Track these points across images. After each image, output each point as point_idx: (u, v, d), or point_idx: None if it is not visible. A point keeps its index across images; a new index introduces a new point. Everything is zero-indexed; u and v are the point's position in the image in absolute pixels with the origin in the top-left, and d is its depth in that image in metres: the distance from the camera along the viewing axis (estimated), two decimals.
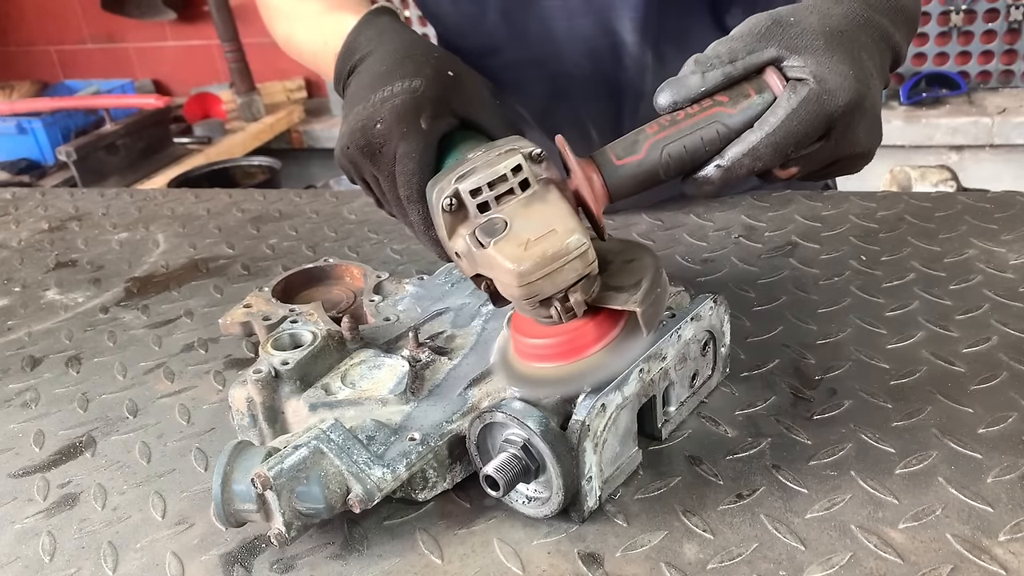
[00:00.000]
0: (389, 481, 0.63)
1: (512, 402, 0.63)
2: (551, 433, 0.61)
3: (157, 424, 0.84)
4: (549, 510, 0.64)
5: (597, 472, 0.64)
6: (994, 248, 0.96)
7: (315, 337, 0.75)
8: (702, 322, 0.73)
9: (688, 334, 0.71)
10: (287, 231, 1.25)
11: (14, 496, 0.77)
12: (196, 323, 1.03)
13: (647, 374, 0.67)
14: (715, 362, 0.76)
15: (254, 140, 3.50)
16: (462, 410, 0.69)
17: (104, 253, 1.26)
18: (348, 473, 0.63)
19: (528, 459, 0.62)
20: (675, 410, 0.73)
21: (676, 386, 0.72)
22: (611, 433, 0.65)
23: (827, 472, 0.67)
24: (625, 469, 0.68)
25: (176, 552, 0.68)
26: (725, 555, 0.61)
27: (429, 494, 0.67)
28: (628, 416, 0.67)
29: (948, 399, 0.73)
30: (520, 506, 0.65)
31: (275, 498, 0.61)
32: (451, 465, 0.68)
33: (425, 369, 0.74)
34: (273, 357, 0.72)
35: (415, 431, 0.67)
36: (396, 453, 0.65)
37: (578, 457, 0.62)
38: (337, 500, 0.63)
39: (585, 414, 0.61)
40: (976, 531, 0.60)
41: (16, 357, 1.00)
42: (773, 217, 1.10)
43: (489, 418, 0.64)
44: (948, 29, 3.07)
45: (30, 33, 4.24)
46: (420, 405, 0.70)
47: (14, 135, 3.26)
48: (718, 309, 0.74)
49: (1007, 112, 2.92)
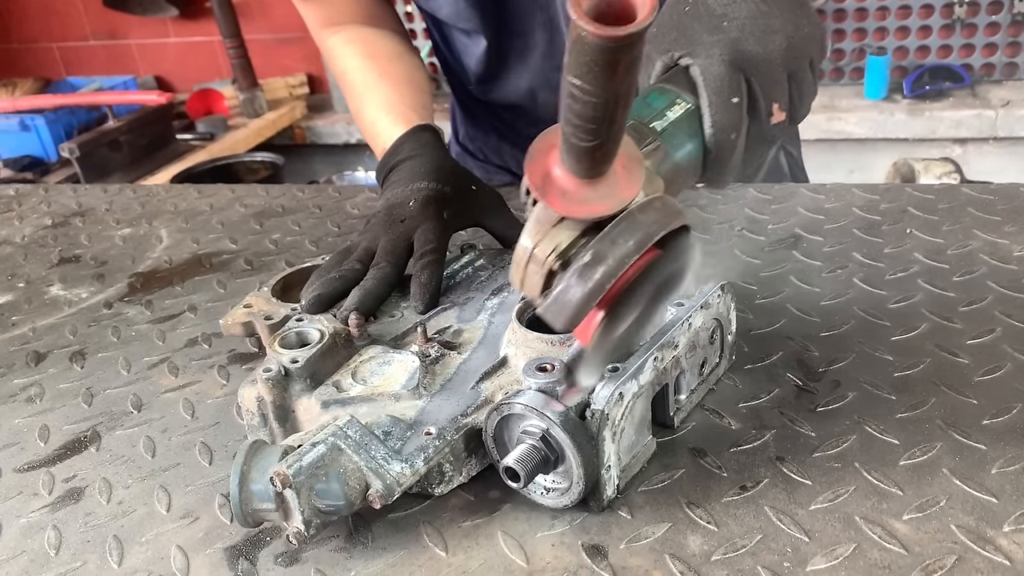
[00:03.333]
0: (408, 476, 0.63)
1: (528, 393, 0.63)
2: (571, 423, 0.61)
3: (161, 419, 0.84)
4: (569, 500, 0.64)
5: (616, 461, 0.64)
6: (998, 240, 0.96)
7: (323, 335, 0.75)
8: (710, 310, 0.73)
9: (698, 322, 0.71)
10: (290, 226, 1.25)
11: (19, 490, 0.77)
12: (200, 318, 1.03)
13: (660, 362, 0.67)
14: (722, 350, 0.77)
15: (257, 136, 3.50)
16: (476, 403, 0.69)
17: (107, 249, 1.26)
18: (367, 469, 0.62)
19: (547, 449, 0.62)
20: (686, 398, 0.73)
21: (687, 374, 0.73)
22: (628, 422, 0.65)
23: (831, 464, 0.67)
24: (641, 457, 0.68)
25: (181, 546, 0.68)
26: (729, 547, 0.61)
27: (445, 488, 0.67)
28: (643, 404, 0.67)
29: (952, 391, 0.73)
30: (539, 497, 0.65)
31: (294, 496, 0.60)
32: (466, 459, 0.68)
33: (435, 364, 0.73)
34: (282, 355, 0.72)
35: (431, 425, 0.67)
36: (413, 448, 0.65)
37: (597, 446, 0.62)
38: (357, 496, 0.63)
39: (604, 403, 0.61)
40: (980, 522, 0.60)
41: (20, 352, 1.00)
42: (776, 210, 1.10)
43: (507, 410, 0.63)
44: (951, 22, 3.06)
45: (33, 30, 4.24)
46: (433, 400, 0.70)
47: (17, 132, 3.26)
48: (725, 297, 0.75)
49: (1011, 105, 2.92)
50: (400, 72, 1.15)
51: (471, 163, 1.41)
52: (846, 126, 3.03)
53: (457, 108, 1.41)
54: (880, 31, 3.16)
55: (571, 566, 0.61)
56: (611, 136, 0.48)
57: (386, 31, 1.21)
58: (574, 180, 0.52)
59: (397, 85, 1.13)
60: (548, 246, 0.54)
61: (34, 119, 3.24)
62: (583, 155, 0.50)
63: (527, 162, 0.53)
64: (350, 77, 1.18)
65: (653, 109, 0.62)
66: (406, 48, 1.21)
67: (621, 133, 0.50)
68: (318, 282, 0.84)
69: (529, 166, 0.53)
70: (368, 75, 1.16)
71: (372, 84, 1.15)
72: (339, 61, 1.20)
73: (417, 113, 1.07)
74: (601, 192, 0.53)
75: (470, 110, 1.36)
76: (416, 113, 1.07)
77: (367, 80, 1.15)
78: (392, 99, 1.11)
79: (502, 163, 1.37)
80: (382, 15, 1.23)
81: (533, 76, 1.17)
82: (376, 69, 1.16)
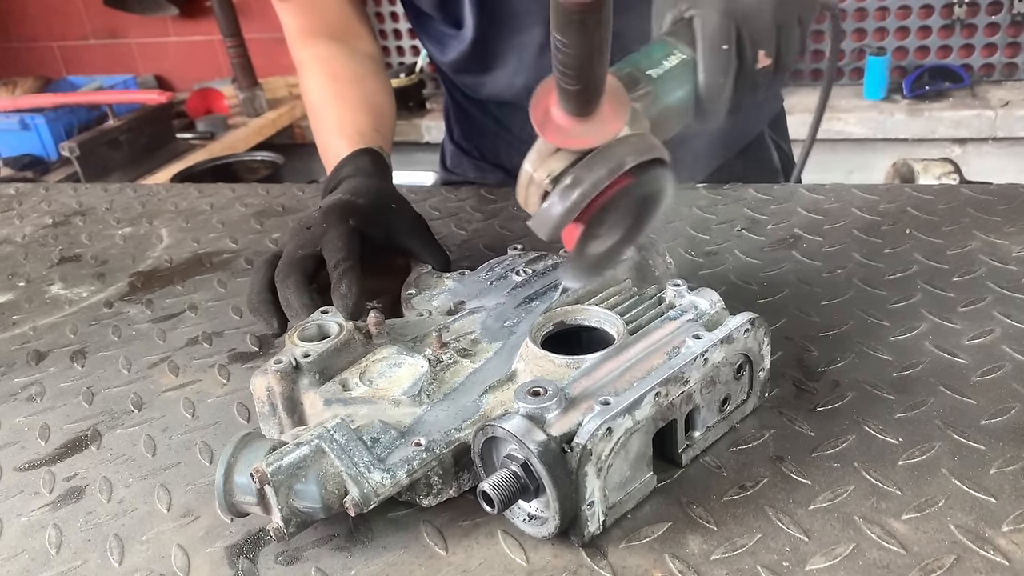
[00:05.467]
0: (387, 486, 0.62)
1: (514, 418, 0.60)
2: (550, 454, 0.58)
3: (162, 418, 0.84)
4: (547, 531, 0.61)
5: (600, 497, 0.61)
6: (997, 240, 0.96)
7: (340, 329, 0.74)
8: (735, 345, 0.68)
9: (717, 357, 0.67)
10: (290, 225, 1.25)
11: (20, 489, 0.77)
12: (200, 317, 1.03)
13: (665, 398, 0.64)
14: (751, 386, 0.72)
15: (257, 135, 3.50)
16: (473, 418, 0.66)
17: (108, 248, 1.26)
18: (347, 475, 0.61)
19: (528, 478, 0.59)
20: (700, 435, 0.69)
21: (702, 410, 0.68)
22: (619, 457, 0.62)
23: (830, 463, 0.67)
24: (636, 495, 0.65)
25: (182, 544, 0.68)
26: (729, 546, 0.61)
27: (434, 500, 0.66)
28: (641, 440, 0.63)
29: (951, 391, 0.73)
30: (521, 523, 0.64)
31: (273, 494, 0.61)
32: (458, 473, 0.66)
33: (445, 371, 0.71)
34: (296, 348, 0.72)
35: (422, 436, 0.65)
36: (399, 458, 0.63)
37: (578, 481, 0.59)
38: (334, 501, 0.62)
39: (587, 437, 0.58)
40: (979, 522, 0.60)
41: (21, 351, 1.00)
42: (776, 210, 1.10)
43: (490, 432, 0.61)
44: (951, 22, 3.06)
45: (33, 29, 4.24)
46: (433, 409, 0.68)
47: (17, 131, 3.26)
48: (756, 332, 0.69)
49: (1010, 105, 2.92)
50: (358, 96, 1.18)
51: (466, 162, 1.41)
52: (845, 126, 3.03)
53: (452, 107, 1.41)
54: (880, 31, 3.16)
55: (571, 565, 0.61)
56: (593, 80, 0.57)
57: (356, 51, 1.23)
58: (568, 118, 0.61)
59: (352, 109, 1.15)
60: (544, 171, 0.63)
61: (34, 118, 3.24)
62: (572, 96, 0.59)
63: (532, 102, 0.62)
64: (311, 96, 1.21)
65: (652, 58, 0.70)
66: (372, 69, 1.23)
67: (603, 77, 0.58)
68: None
69: (533, 105, 0.62)
70: (326, 96, 1.19)
71: (329, 106, 1.17)
72: (304, 77, 1.23)
73: (364, 137, 1.08)
74: (590, 128, 0.62)
75: (464, 109, 1.36)
76: (362, 137, 1.08)
77: (324, 101, 1.18)
78: (344, 122, 1.13)
79: (497, 161, 1.38)
80: (358, 31, 1.24)
81: (528, 73, 1.17)
82: (334, 90, 1.19)
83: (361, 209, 0.91)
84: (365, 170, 1.02)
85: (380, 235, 0.91)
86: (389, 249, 0.92)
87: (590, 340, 0.73)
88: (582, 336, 0.74)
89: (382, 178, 1.02)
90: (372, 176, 1.01)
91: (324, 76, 1.20)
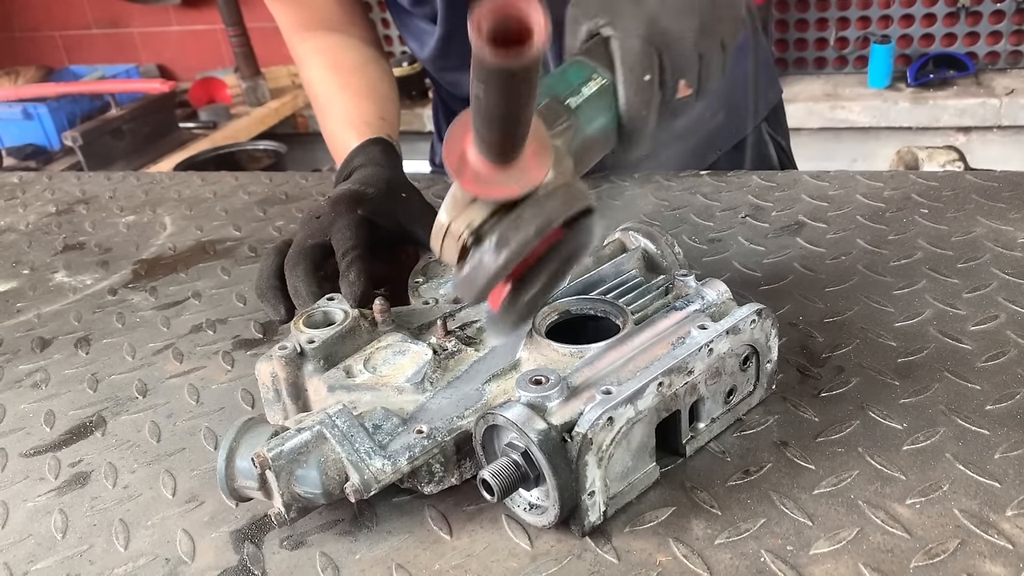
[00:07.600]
0: (388, 473, 0.62)
1: (514, 406, 0.60)
2: (550, 443, 0.58)
3: (166, 404, 0.84)
4: (547, 521, 0.62)
5: (601, 487, 0.61)
6: (1002, 227, 0.96)
7: (346, 316, 0.74)
8: (741, 335, 0.67)
9: (723, 348, 0.66)
10: (294, 214, 1.25)
11: (26, 475, 0.77)
12: (204, 304, 1.03)
13: (668, 388, 0.63)
14: (758, 378, 0.71)
15: (259, 125, 3.50)
16: (475, 406, 0.66)
17: (112, 236, 1.26)
18: (348, 461, 0.61)
19: (528, 466, 0.59)
20: (705, 426, 0.68)
21: (707, 401, 0.68)
22: (621, 447, 0.62)
23: (834, 449, 0.67)
24: (638, 485, 0.64)
25: (187, 529, 0.68)
26: (733, 530, 0.61)
27: (436, 488, 0.66)
28: (644, 430, 0.63)
29: (955, 376, 0.73)
30: (521, 512, 0.64)
31: (274, 479, 0.61)
32: (459, 461, 0.66)
33: (449, 359, 0.71)
34: (301, 334, 0.72)
35: (424, 423, 0.65)
36: (400, 445, 0.63)
37: (578, 471, 0.59)
38: (335, 487, 0.62)
39: (588, 427, 0.58)
40: (983, 506, 0.60)
41: (26, 339, 1.00)
42: (780, 197, 1.10)
43: (491, 420, 0.61)
44: (956, 10, 3.05)
45: (35, 19, 4.24)
46: (435, 396, 0.68)
47: (20, 121, 3.27)
48: (763, 323, 0.69)
49: (1015, 93, 2.91)
50: (361, 84, 1.17)
51: None
52: (850, 115, 3.02)
53: (439, 103, 1.41)
54: (884, 19, 3.15)
55: (575, 549, 0.61)
56: (516, 132, 0.52)
57: (354, 39, 1.22)
58: (486, 164, 0.55)
59: (357, 98, 1.15)
60: (462, 223, 0.58)
61: (37, 107, 3.24)
62: (491, 145, 0.53)
63: (445, 142, 0.55)
64: (315, 89, 1.21)
65: (569, 85, 0.64)
66: (372, 56, 1.22)
67: (526, 129, 0.52)
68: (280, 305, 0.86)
69: (446, 146, 0.55)
70: (330, 87, 1.18)
71: (333, 97, 1.17)
72: (305, 70, 1.22)
73: (372, 126, 1.08)
74: (511, 175, 0.55)
75: (448, 105, 1.36)
76: (370, 126, 1.08)
77: (329, 92, 1.18)
78: (350, 112, 1.12)
79: None
80: (354, 20, 1.24)
81: None
82: (337, 81, 1.18)
83: (370, 198, 0.91)
84: (376, 159, 1.02)
85: (389, 224, 0.90)
86: (398, 238, 0.92)
87: (596, 330, 0.73)
88: (588, 326, 0.74)
89: (392, 167, 1.02)
90: (383, 166, 1.01)
91: (326, 67, 1.20)
